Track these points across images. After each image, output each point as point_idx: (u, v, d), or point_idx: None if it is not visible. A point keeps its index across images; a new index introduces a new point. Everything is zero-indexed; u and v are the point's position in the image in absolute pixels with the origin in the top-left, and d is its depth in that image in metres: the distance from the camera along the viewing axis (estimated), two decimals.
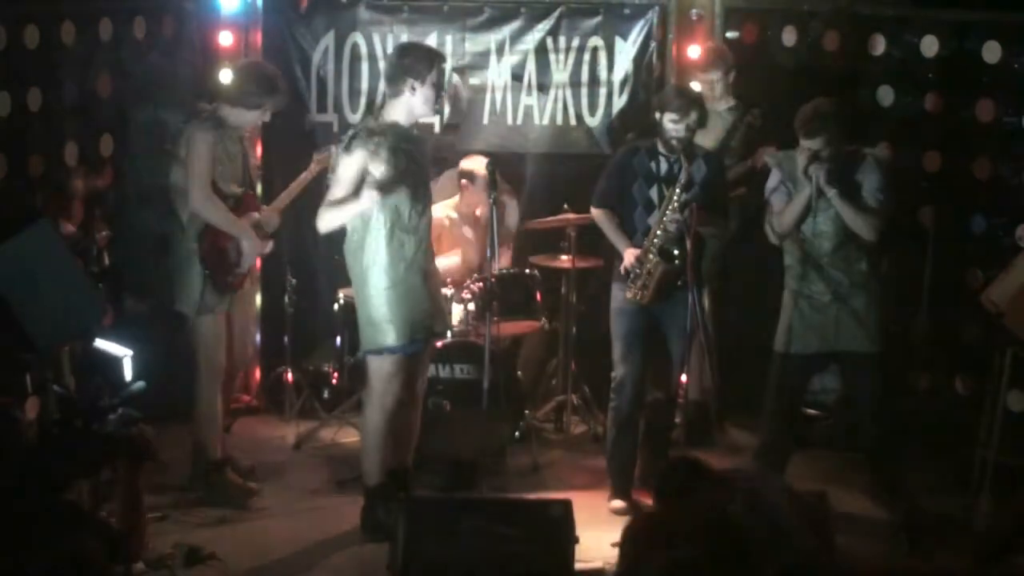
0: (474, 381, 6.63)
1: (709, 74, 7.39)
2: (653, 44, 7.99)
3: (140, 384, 5.50)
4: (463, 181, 7.59)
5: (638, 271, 6.37)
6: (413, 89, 6.05)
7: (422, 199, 6.12)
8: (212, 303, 6.51)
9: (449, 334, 7.08)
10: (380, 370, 6.16)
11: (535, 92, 8.04)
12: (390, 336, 6.09)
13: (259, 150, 7.77)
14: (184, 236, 6.48)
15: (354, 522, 6.34)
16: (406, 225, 6.08)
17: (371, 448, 6.23)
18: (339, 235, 7.20)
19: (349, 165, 6.05)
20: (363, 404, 6.31)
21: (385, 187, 5.98)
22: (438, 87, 6.10)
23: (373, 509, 6.19)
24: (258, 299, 7.67)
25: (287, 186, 6.97)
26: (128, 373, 5.58)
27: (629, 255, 6.39)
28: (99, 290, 6.43)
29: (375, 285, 6.09)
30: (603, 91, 8.05)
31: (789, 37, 7.75)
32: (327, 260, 7.63)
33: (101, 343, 5.81)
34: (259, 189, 7.22)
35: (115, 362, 5.55)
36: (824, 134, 6.11)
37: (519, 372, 7.27)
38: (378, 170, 6.00)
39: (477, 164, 7.41)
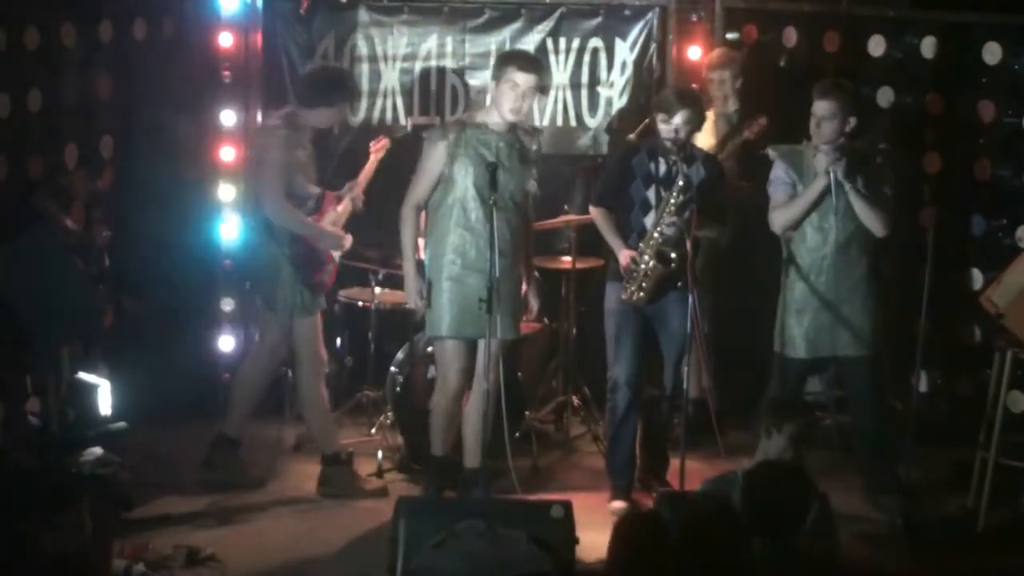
0: None
1: (720, 72, 7.37)
2: (653, 45, 7.98)
3: (122, 424, 5.40)
4: None
5: (634, 273, 6.37)
6: (492, 90, 6.31)
7: (495, 200, 6.08)
8: (309, 304, 6.64)
9: None
10: (440, 355, 6.42)
11: (535, 93, 8.02)
12: (442, 326, 6.31)
13: None
14: (272, 241, 6.58)
15: (354, 522, 6.35)
16: (471, 225, 6.22)
17: (435, 428, 6.46)
18: None
19: (430, 155, 6.29)
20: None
21: (455, 182, 6.22)
22: (511, 90, 6.18)
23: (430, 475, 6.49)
24: None
25: None
26: (105, 405, 5.49)
27: (625, 256, 6.40)
28: (99, 291, 6.43)
29: (437, 274, 6.30)
30: (603, 92, 8.05)
31: (789, 38, 7.75)
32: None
33: (82, 374, 5.78)
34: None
35: (90, 392, 5.49)
36: (834, 99, 6.22)
37: (519, 372, 7.27)
38: (450, 166, 6.22)
39: None
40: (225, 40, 7.74)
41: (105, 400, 5.52)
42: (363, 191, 6.93)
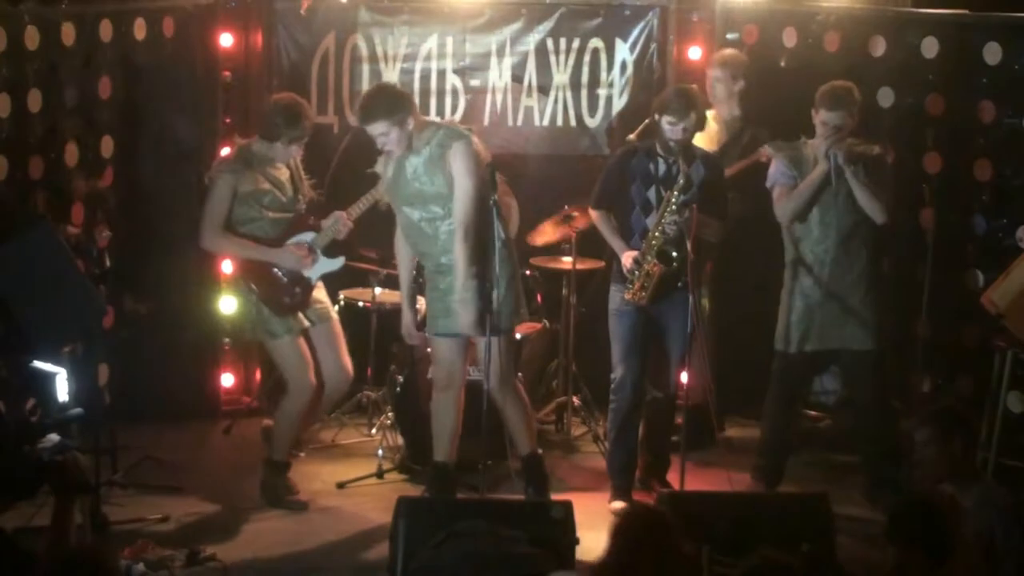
0: (474, 382, 6.63)
1: (720, 70, 7.33)
2: (653, 45, 7.98)
3: (78, 411, 5.42)
4: None
5: (636, 273, 6.37)
6: None
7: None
8: (277, 328, 6.54)
9: None
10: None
11: (535, 93, 8.04)
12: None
13: None
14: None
15: (354, 522, 6.36)
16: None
17: (433, 430, 6.44)
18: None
19: None
20: None
21: None
22: None
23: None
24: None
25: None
26: (62, 392, 5.51)
27: (627, 257, 6.39)
28: (99, 291, 6.43)
29: None
30: (603, 92, 8.04)
31: (789, 38, 7.75)
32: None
33: (36, 362, 5.74)
34: None
35: (47, 380, 5.49)
36: (844, 108, 6.27)
37: (520, 373, 7.27)
38: None
39: None
40: (225, 40, 7.75)
41: (62, 388, 5.51)
42: (352, 219, 6.72)
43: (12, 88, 6.64)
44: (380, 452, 7.12)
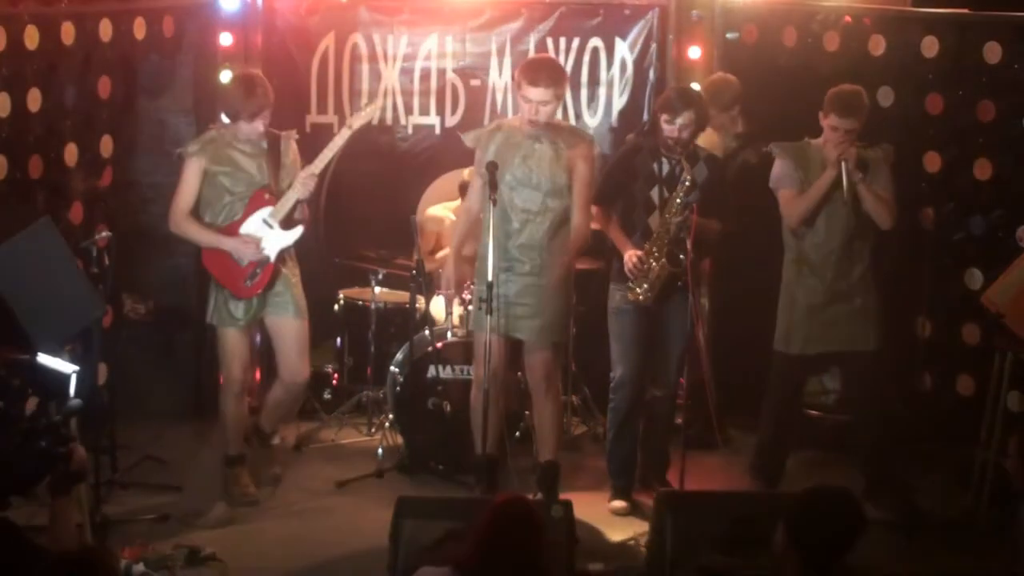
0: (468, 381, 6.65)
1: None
2: (653, 45, 7.98)
3: (77, 402, 5.45)
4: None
5: (642, 273, 6.36)
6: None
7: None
8: (235, 312, 6.56)
9: (449, 335, 7.11)
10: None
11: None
12: (472, 320, 6.60)
13: None
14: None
15: (354, 522, 6.35)
16: (487, 226, 6.21)
17: (472, 424, 6.48)
18: (339, 236, 7.22)
19: (476, 159, 6.51)
20: None
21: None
22: (525, 103, 6.21)
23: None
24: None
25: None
26: (72, 390, 5.54)
27: (631, 256, 6.39)
28: (99, 291, 6.43)
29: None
30: (603, 92, 8.04)
31: (789, 38, 7.75)
32: (327, 261, 7.63)
33: (46, 359, 5.75)
34: None
35: (61, 379, 5.52)
36: (855, 115, 6.27)
37: (519, 372, 7.27)
38: (478, 167, 6.43)
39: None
40: (225, 40, 7.74)
41: (74, 386, 5.55)
42: (317, 174, 6.62)
43: (12, 88, 6.64)
44: (380, 452, 7.13)
